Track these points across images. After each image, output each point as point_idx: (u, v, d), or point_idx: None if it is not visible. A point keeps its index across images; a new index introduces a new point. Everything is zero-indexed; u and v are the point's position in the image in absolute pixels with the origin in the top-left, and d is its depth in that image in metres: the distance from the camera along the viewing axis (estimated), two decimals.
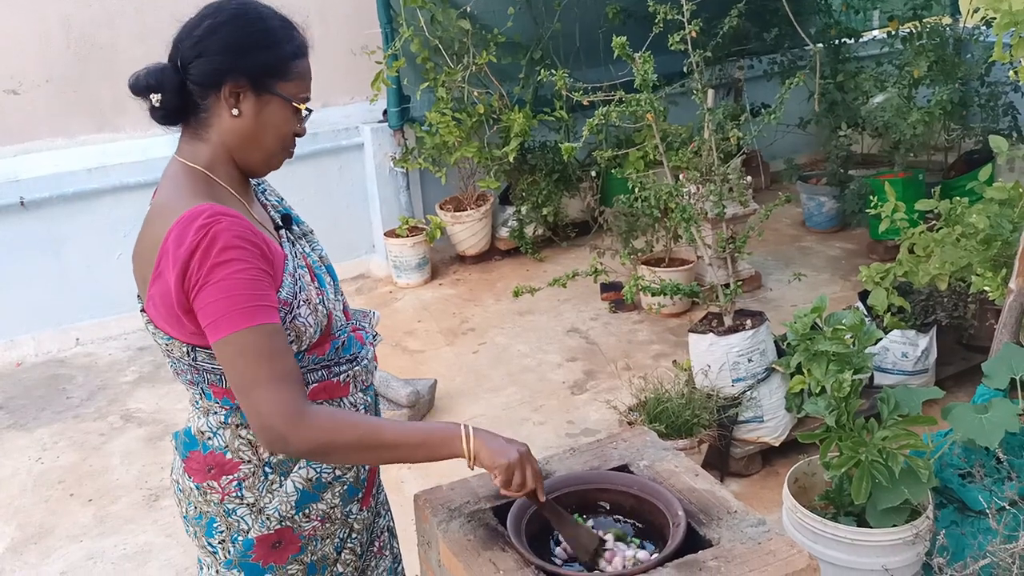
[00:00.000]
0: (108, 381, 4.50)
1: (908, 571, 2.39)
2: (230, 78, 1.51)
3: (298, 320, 1.54)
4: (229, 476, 1.60)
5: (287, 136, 1.59)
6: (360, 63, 5.28)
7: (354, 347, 1.69)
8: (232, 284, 1.43)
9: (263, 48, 1.53)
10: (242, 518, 1.61)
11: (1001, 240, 2.75)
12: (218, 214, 1.44)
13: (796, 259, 5.35)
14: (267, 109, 1.55)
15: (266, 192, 1.77)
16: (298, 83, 1.56)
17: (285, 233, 1.66)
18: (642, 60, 3.27)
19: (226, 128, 1.55)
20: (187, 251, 1.42)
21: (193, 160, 1.56)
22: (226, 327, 1.43)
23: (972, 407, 2.35)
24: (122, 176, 4.78)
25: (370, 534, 1.81)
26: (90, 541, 3.30)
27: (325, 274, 1.70)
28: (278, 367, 1.45)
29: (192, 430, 1.63)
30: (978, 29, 5.33)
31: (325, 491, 1.65)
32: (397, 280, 5.41)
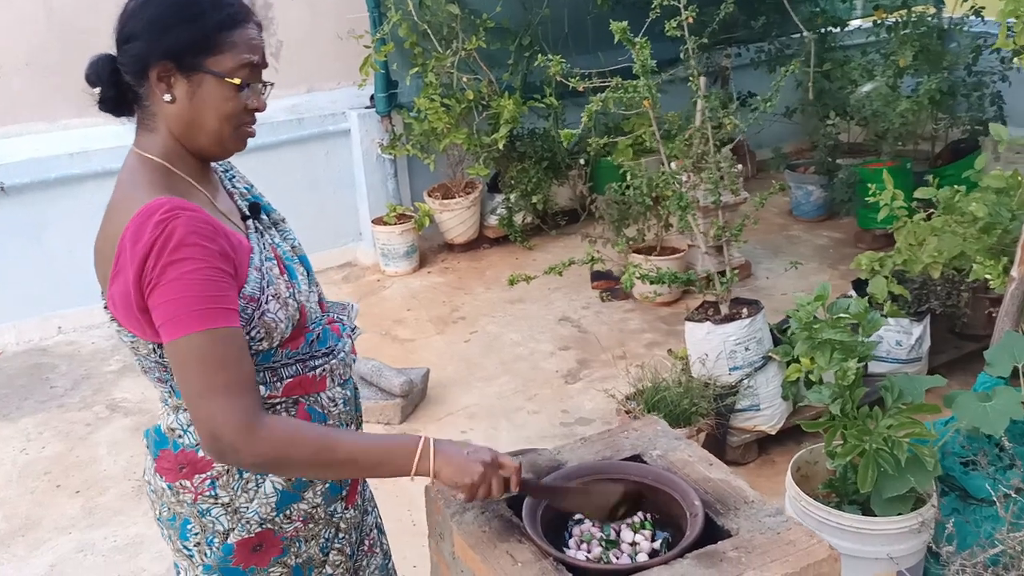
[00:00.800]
0: (92, 370, 4.42)
1: (913, 559, 2.40)
2: (154, 61, 1.41)
3: (267, 316, 1.47)
4: (202, 475, 1.53)
5: (233, 115, 1.47)
6: (347, 47, 5.21)
7: (330, 340, 1.62)
8: (186, 284, 1.35)
9: (184, 23, 1.41)
10: (217, 518, 1.55)
11: (1001, 228, 2.76)
12: (176, 208, 1.36)
13: (784, 248, 5.36)
14: (201, 90, 1.44)
15: (234, 179, 1.68)
16: (233, 55, 1.44)
17: (252, 223, 1.58)
18: (640, 46, 3.24)
19: (167, 115, 1.45)
20: (144, 248, 1.34)
21: (148, 151, 1.47)
22: (177, 330, 1.35)
23: (976, 395, 2.35)
24: (104, 161, 4.68)
25: (359, 533, 1.77)
26: (79, 533, 3.24)
27: (297, 265, 1.62)
28: (231, 375, 1.37)
29: (162, 428, 1.56)
30: (963, 19, 5.35)
31: (306, 490, 1.59)
32: (385, 268, 5.36)
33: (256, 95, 1.50)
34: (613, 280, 4.90)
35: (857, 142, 5.96)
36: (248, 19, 1.47)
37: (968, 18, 5.30)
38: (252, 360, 1.45)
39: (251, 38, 1.47)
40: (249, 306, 1.45)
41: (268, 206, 1.69)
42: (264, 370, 1.52)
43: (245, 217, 1.59)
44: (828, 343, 2.46)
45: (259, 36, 1.49)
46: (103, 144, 4.71)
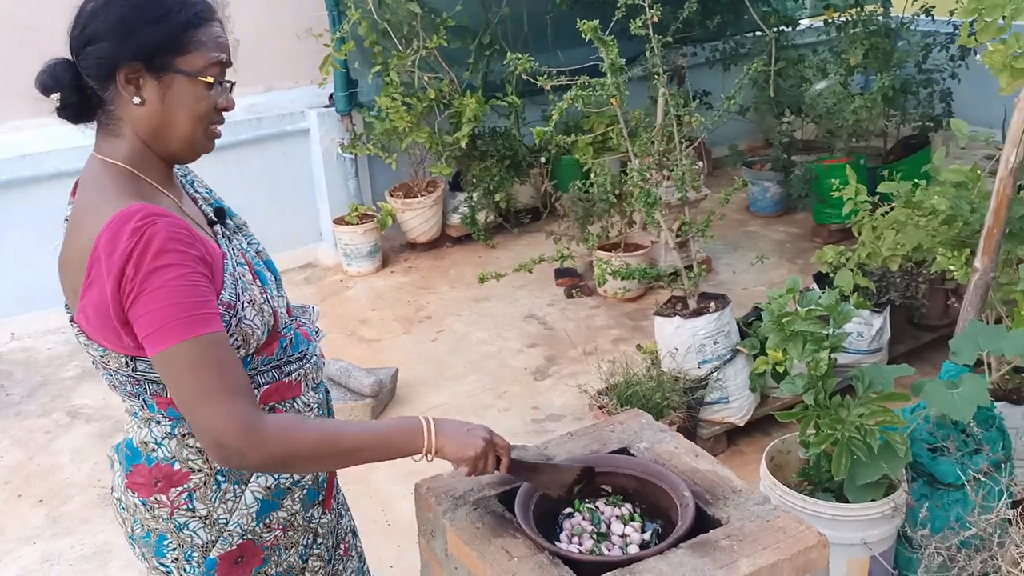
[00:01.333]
0: (49, 376, 4.32)
1: (885, 544, 2.46)
2: (122, 63, 1.37)
3: (244, 323, 1.44)
4: (179, 488, 1.50)
5: (205, 114, 1.44)
6: (306, 46, 5.16)
7: (301, 344, 1.60)
8: (170, 292, 1.32)
9: (151, 22, 1.37)
10: (195, 532, 1.52)
11: (962, 221, 2.84)
12: (152, 215, 1.33)
13: (743, 243, 5.44)
14: (172, 90, 1.41)
15: (195, 184, 1.64)
16: (202, 54, 1.41)
17: (220, 229, 1.55)
18: (608, 44, 3.27)
19: (135, 119, 1.41)
20: (121, 257, 1.30)
21: (112, 157, 1.43)
22: (166, 339, 1.32)
23: (943, 383, 2.42)
24: (59, 163, 4.57)
25: (335, 537, 1.76)
26: (44, 543, 3.16)
27: (265, 270, 1.60)
28: (227, 379, 1.35)
29: (134, 442, 1.52)
30: (912, 18, 5.49)
31: (285, 498, 1.58)
32: (347, 268, 5.32)
33: (225, 94, 1.48)
34: (577, 277, 4.94)
35: (811, 139, 6.08)
36: (213, 17, 1.45)
37: (917, 17, 5.45)
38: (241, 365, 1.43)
39: (218, 36, 1.44)
40: (226, 313, 1.42)
41: (230, 210, 1.65)
42: None
43: (212, 222, 1.55)
44: (800, 335, 2.50)
45: (224, 34, 1.47)
46: (57, 145, 4.59)
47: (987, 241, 2.58)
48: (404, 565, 2.88)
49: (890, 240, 3.12)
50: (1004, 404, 2.74)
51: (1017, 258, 2.72)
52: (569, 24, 3.48)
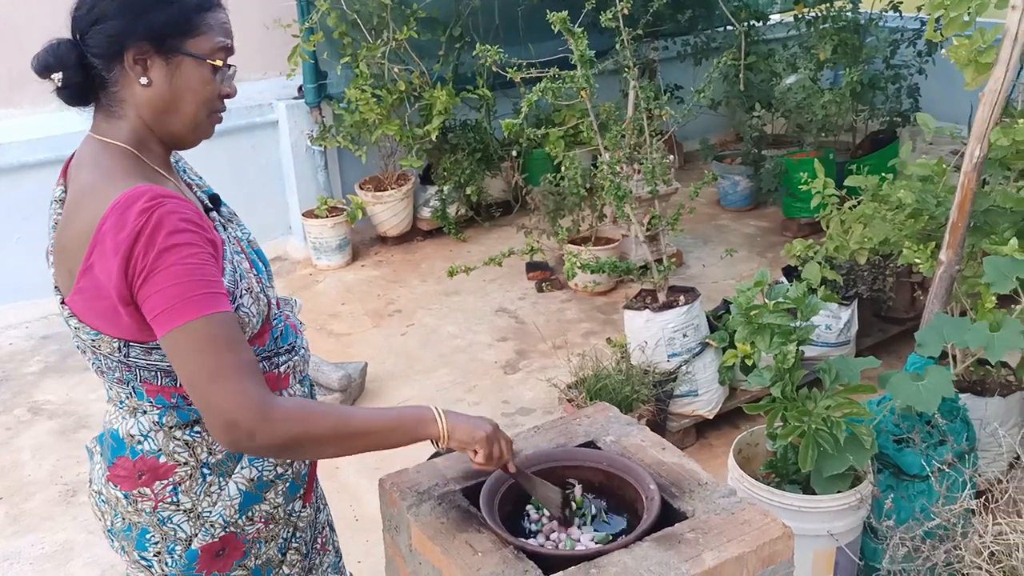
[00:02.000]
0: (11, 372, 4.24)
1: (851, 535, 2.47)
2: (130, 43, 1.37)
3: (241, 310, 1.43)
4: (163, 481, 1.48)
5: (210, 99, 1.45)
6: (273, 37, 5.10)
7: (290, 336, 1.59)
8: (183, 271, 1.30)
9: (163, 3, 1.38)
10: (179, 525, 1.50)
11: (927, 214, 2.86)
12: (160, 196, 1.32)
13: (713, 237, 5.46)
14: (179, 72, 1.40)
15: (186, 171, 1.63)
16: (210, 37, 1.42)
17: (216, 216, 1.54)
18: (578, 36, 3.25)
19: (140, 100, 1.41)
20: (129, 237, 1.28)
21: (114, 138, 1.42)
22: (180, 317, 1.30)
23: (909, 375, 2.43)
24: (21, 154, 4.49)
25: (313, 531, 1.74)
26: (4, 541, 3.10)
27: (258, 259, 1.60)
28: (240, 358, 1.34)
29: (119, 433, 1.49)
30: (880, 14, 5.53)
31: (268, 490, 1.56)
32: (316, 262, 5.27)
33: (230, 79, 1.48)
34: (548, 271, 4.93)
35: (781, 133, 6.11)
36: (220, 3, 1.47)
37: (885, 13, 5.48)
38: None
39: (223, 21, 1.46)
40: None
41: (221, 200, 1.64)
42: None
43: (208, 209, 1.54)
44: (768, 327, 2.51)
45: (228, 20, 1.47)
46: (19, 136, 4.51)
47: (952, 234, 2.60)
48: (372, 561, 2.85)
49: (857, 233, 3.14)
50: (968, 396, 2.77)
51: (981, 251, 2.74)
52: (540, 16, 3.46)
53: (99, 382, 1.55)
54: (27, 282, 4.54)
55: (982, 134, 2.54)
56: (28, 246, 4.53)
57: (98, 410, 3.78)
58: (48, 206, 1.49)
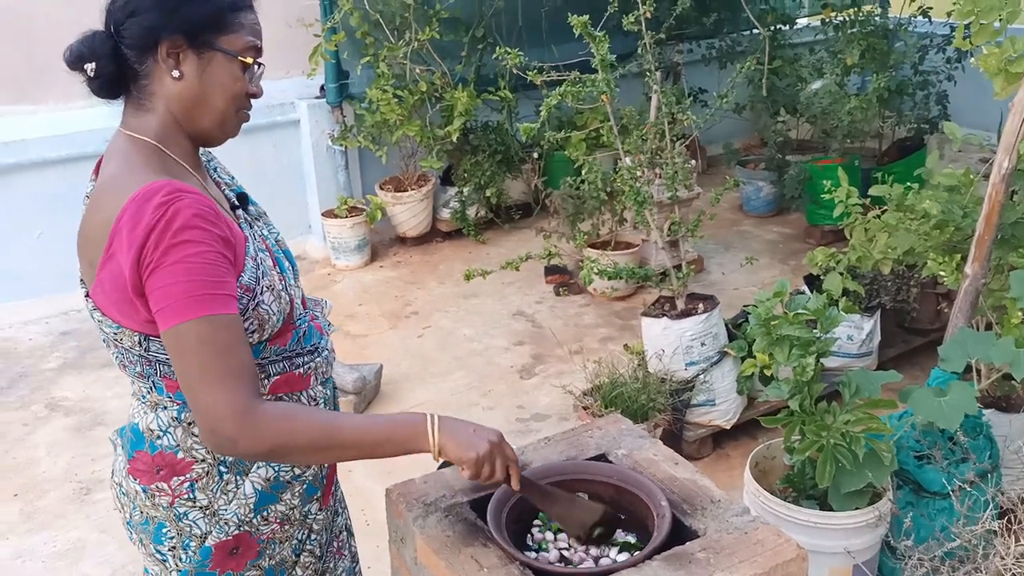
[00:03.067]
0: (29, 368, 4.26)
1: (869, 553, 2.42)
2: (165, 36, 1.39)
3: (261, 308, 1.44)
4: (181, 477, 1.49)
5: (238, 96, 1.46)
6: (296, 36, 5.09)
7: (314, 337, 1.59)
8: (188, 268, 1.31)
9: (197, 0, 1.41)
10: (194, 522, 1.51)
11: (953, 225, 2.80)
12: (178, 191, 1.33)
13: (735, 243, 5.40)
14: (211, 67, 1.43)
15: (217, 170, 1.64)
16: (242, 35, 1.44)
17: (242, 214, 1.55)
18: (599, 40, 3.22)
19: (170, 94, 1.43)
20: (144, 230, 1.30)
21: (141, 133, 1.44)
22: (178, 315, 1.31)
23: (931, 390, 2.38)
24: (43, 150, 4.51)
25: (329, 534, 1.73)
26: (17, 538, 3.11)
27: (284, 259, 1.60)
28: (232, 362, 1.34)
29: (140, 427, 1.51)
30: (910, 19, 5.45)
31: (284, 491, 1.55)
32: (335, 262, 5.27)
33: (257, 79, 1.50)
34: (566, 275, 4.89)
35: (806, 139, 6.04)
36: (251, 4, 1.50)
37: (915, 18, 5.40)
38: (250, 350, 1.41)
39: (254, 22, 1.49)
40: (244, 296, 1.41)
41: (251, 198, 1.64)
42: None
43: (234, 207, 1.55)
44: (787, 339, 2.46)
45: (259, 22, 1.50)
46: (42, 132, 4.54)
47: (978, 247, 2.54)
48: (381, 567, 2.80)
49: (882, 243, 3.08)
50: (992, 412, 2.71)
51: (1008, 264, 2.68)
52: (563, 18, 3.43)
53: (116, 379, 1.57)
54: (47, 278, 4.58)
55: (1011, 145, 2.48)
56: (49, 242, 4.56)
57: (114, 407, 3.79)
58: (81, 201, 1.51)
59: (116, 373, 4.11)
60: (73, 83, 1.45)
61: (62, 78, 1.44)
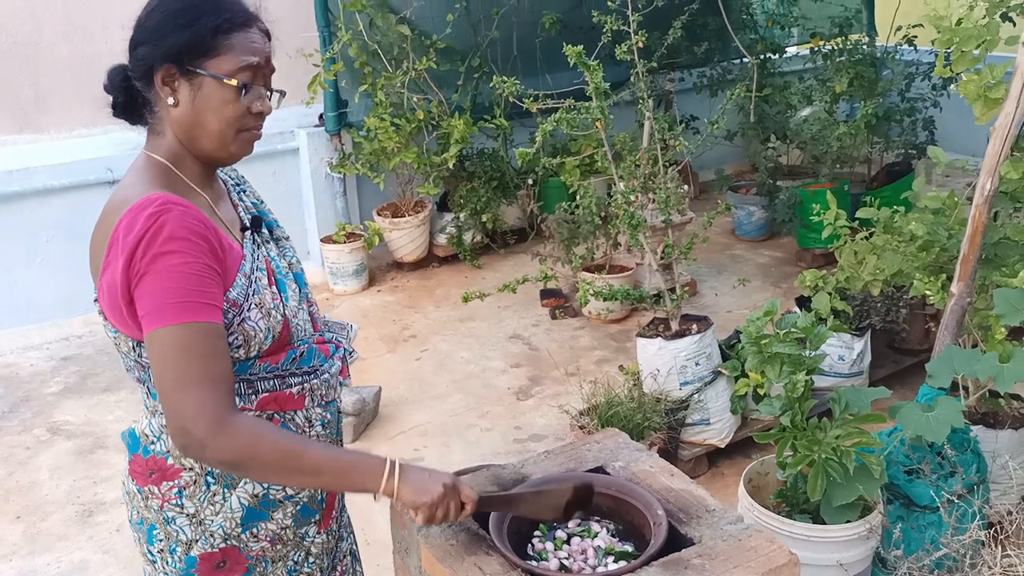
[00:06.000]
0: (31, 392, 4.30)
1: (860, 565, 2.47)
2: (157, 66, 1.45)
3: (247, 323, 1.47)
4: (170, 483, 1.53)
5: (234, 118, 1.47)
6: (296, 66, 5.18)
7: (315, 359, 1.61)
8: (172, 276, 1.36)
9: (182, 26, 1.43)
10: (182, 528, 1.54)
11: (939, 246, 2.88)
12: (169, 203, 1.38)
13: (728, 266, 5.48)
14: (202, 92, 1.45)
15: (244, 192, 1.70)
16: (231, 57, 1.45)
17: (251, 235, 1.59)
18: (593, 68, 3.31)
19: (172, 119, 1.48)
20: (135, 238, 1.36)
21: (157, 154, 1.52)
22: (159, 320, 1.36)
23: (919, 405, 2.44)
24: (46, 179, 4.57)
25: (332, 559, 1.75)
26: (20, 560, 3.14)
27: (290, 281, 1.62)
28: (209, 369, 1.37)
29: (136, 431, 1.57)
30: (896, 48, 5.57)
31: (275, 510, 1.58)
32: (333, 287, 5.33)
33: (260, 98, 1.51)
34: (562, 298, 4.96)
35: (796, 164, 6.14)
36: (249, 24, 1.49)
37: (900, 47, 5.53)
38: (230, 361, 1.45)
39: (251, 41, 1.48)
40: (231, 311, 1.45)
41: (274, 223, 1.70)
42: (240, 381, 1.52)
43: (244, 228, 1.59)
44: (777, 356, 2.53)
45: (262, 40, 1.50)
46: (45, 161, 4.60)
47: (963, 267, 2.62)
48: None
49: (871, 265, 3.16)
50: (980, 427, 2.77)
51: (992, 283, 2.75)
52: (557, 48, 3.53)
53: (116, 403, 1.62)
54: (49, 304, 4.63)
55: (993, 168, 2.57)
56: (51, 269, 4.61)
57: (115, 431, 3.83)
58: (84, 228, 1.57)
59: (116, 397, 4.19)
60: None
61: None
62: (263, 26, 1.53)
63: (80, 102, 4.66)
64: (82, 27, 4.76)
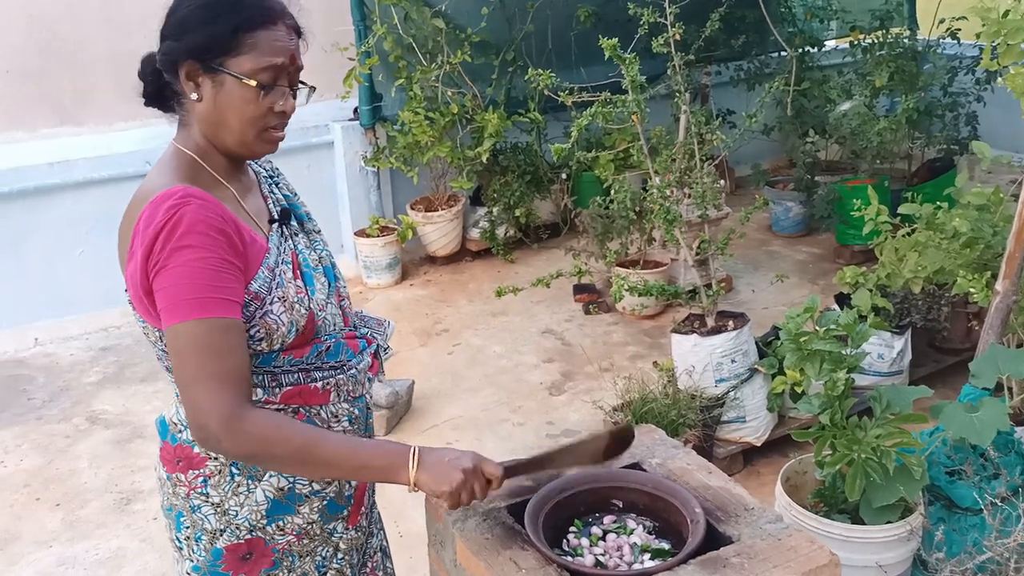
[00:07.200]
0: (71, 382, 4.36)
1: (900, 567, 2.43)
2: (181, 60, 1.45)
3: (269, 316, 1.47)
4: (196, 471, 1.54)
5: (255, 117, 1.46)
6: (331, 60, 5.19)
7: (342, 354, 1.60)
8: (188, 271, 1.36)
9: (204, 23, 1.43)
10: (207, 517, 1.55)
11: (983, 243, 2.82)
12: (189, 196, 1.39)
13: (765, 263, 5.42)
14: (223, 90, 1.45)
15: (277, 185, 1.69)
16: (253, 57, 1.43)
17: (278, 227, 1.57)
18: (629, 61, 3.28)
19: (196, 113, 1.49)
20: (154, 231, 1.37)
21: (184, 145, 1.52)
22: (174, 315, 1.37)
23: (962, 406, 2.39)
24: (86, 171, 4.64)
25: (362, 555, 1.75)
26: (60, 546, 3.19)
27: (320, 275, 1.61)
28: (224, 365, 1.38)
29: (166, 419, 1.59)
30: (937, 42, 5.47)
31: (301, 504, 1.58)
32: (367, 281, 5.35)
33: (283, 97, 1.49)
34: (595, 293, 4.93)
35: (835, 160, 6.05)
36: (275, 21, 1.46)
37: (943, 40, 5.42)
38: (249, 355, 1.44)
39: (275, 40, 1.45)
40: (252, 303, 1.45)
41: (305, 216, 1.69)
42: (263, 374, 1.52)
43: (272, 220, 1.58)
44: (817, 354, 2.49)
45: (288, 38, 1.48)
46: (84, 153, 4.67)
47: (1008, 264, 2.56)
48: None
49: (912, 262, 3.10)
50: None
51: None
52: (592, 41, 3.50)
53: (154, 394, 1.63)
54: (88, 295, 4.69)
55: None
56: (90, 260, 4.68)
57: (152, 420, 3.84)
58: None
59: (153, 387, 4.23)
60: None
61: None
62: (291, 22, 1.50)
63: (119, 96, 4.71)
64: (120, 22, 4.81)
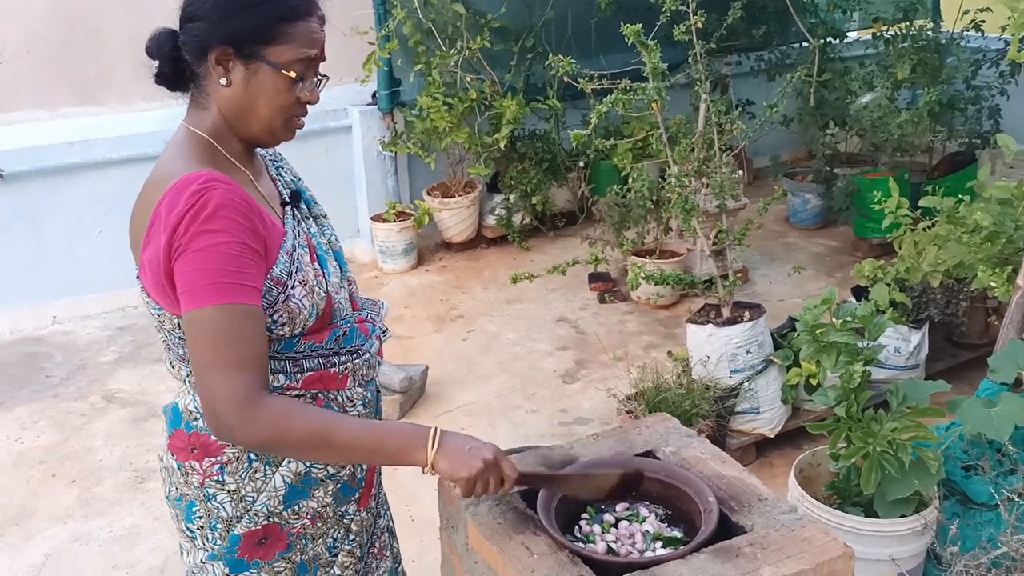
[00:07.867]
0: (88, 360, 4.40)
1: (913, 561, 2.42)
2: (214, 44, 1.43)
3: (291, 301, 1.47)
4: (212, 459, 1.53)
5: (285, 106, 1.48)
6: (350, 43, 5.19)
7: (357, 339, 1.60)
8: (211, 256, 1.36)
9: (247, 11, 1.42)
10: (222, 504, 1.55)
11: (1005, 238, 2.79)
12: (213, 180, 1.38)
13: (781, 255, 5.39)
14: (257, 78, 1.45)
15: (281, 169, 1.70)
16: (292, 47, 1.44)
17: (291, 210, 1.58)
18: (651, 48, 3.26)
19: (221, 98, 1.47)
20: (177, 216, 1.36)
21: (198, 127, 1.50)
22: (194, 301, 1.36)
23: (980, 400, 2.37)
24: (105, 151, 4.66)
25: (370, 535, 1.76)
26: (75, 523, 3.22)
27: (331, 259, 1.62)
28: (241, 352, 1.37)
29: (179, 407, 1.57)
30: (961, 34, 5.40)
31: (317, 488, 1.59)
32: (382, 265, 5.36)
33: (311, 88, 1.51)
34: (611, 282, 4.92)
35: (854, 152, 6.00)
36: (311, 12, 1.48)
37: (967, 33, 5.36)
38: (267, 342, 1.44)
39: (312, 31, 1.47)
40: (275, 288, 1.45)
41: (311, 200, 1.69)
42: (286, 359, 1.52)
43: (284, 203, 1.59)
44: (834, 346, 2.47)
45: (320, 30, 1.49)
46: (105, 133, 4.68)
47: None
48: (426, 561, 2.88)
49: (931, 256, 3.07)
50: None
51: None
52: (612, 28, 3.48)
53: (168, 374, 1.62)
54: (106, 275, 4.72)
55: None
56: (108, 240, 4.71)
57: (168, 400, 3.87)
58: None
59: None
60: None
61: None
62: (322, 13, 1.51)
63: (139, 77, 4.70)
64: (141, 3, 4.82)
